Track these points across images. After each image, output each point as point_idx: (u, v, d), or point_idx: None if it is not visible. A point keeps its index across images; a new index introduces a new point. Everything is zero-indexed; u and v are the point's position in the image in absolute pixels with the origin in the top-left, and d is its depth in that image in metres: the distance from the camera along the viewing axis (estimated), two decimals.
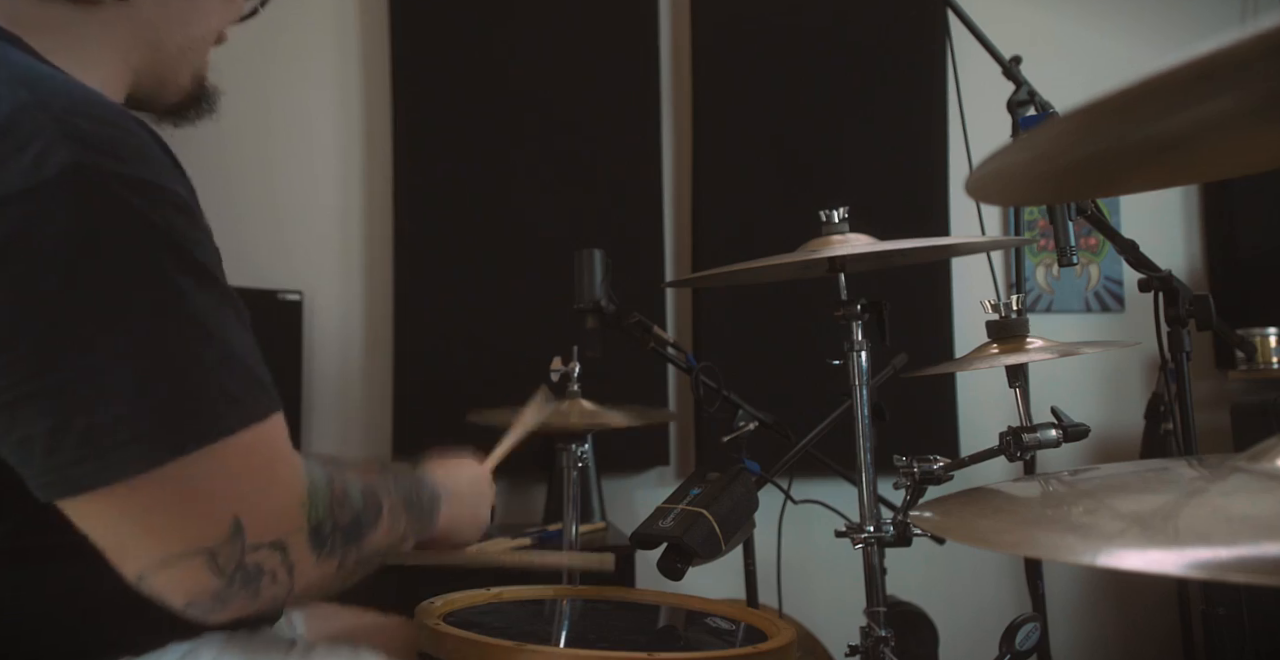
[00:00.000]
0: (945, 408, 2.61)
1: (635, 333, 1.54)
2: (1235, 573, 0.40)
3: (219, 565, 0.64)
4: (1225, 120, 0.48)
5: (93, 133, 0.63)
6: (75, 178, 0.60)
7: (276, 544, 0.67)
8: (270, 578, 0.67)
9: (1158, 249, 1.68)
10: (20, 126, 0.61)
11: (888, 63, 2.65)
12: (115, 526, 0.63)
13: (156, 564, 0.63)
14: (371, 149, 2.50)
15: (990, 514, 0.59)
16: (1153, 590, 2.63)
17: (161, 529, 0.63)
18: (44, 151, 0.60)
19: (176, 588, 0.64)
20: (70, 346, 0.60)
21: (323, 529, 0.70)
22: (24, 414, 0.60)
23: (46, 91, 0.65)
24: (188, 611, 0.66)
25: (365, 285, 2.47)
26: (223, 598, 0.65)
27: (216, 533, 0.64)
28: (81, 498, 0.62)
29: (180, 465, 0.62)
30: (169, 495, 0.63)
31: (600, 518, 2.28)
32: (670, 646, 1.11)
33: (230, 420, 0.65)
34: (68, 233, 0.60)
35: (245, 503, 0.65)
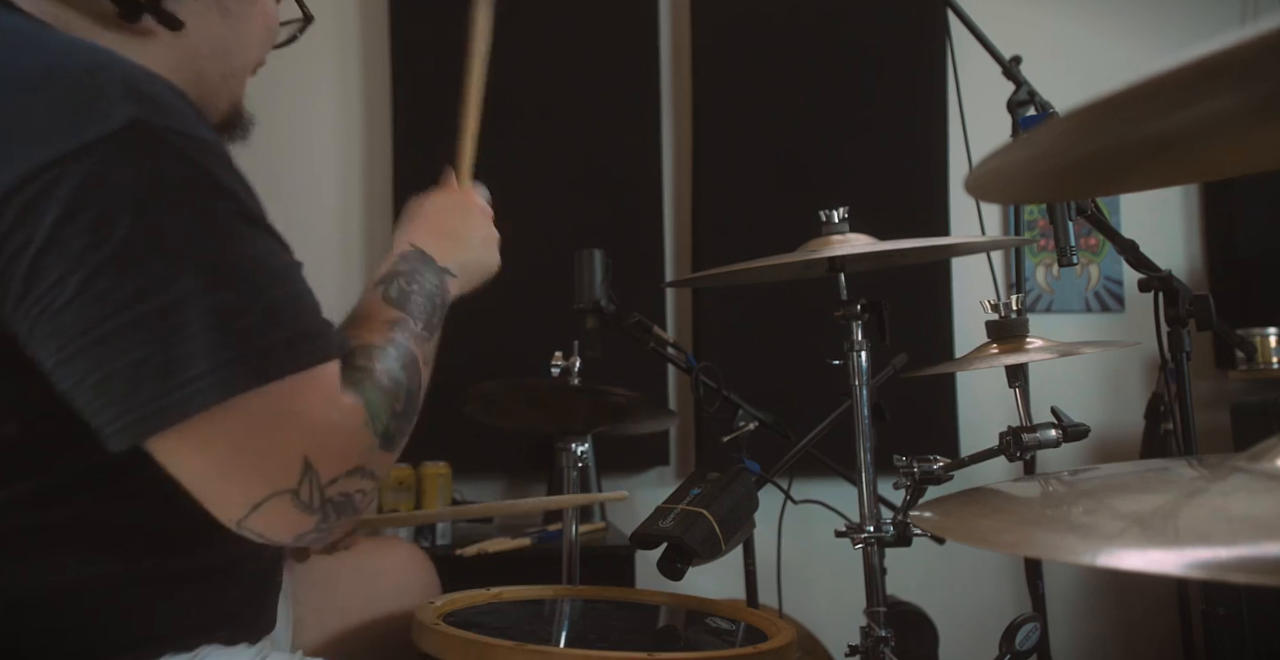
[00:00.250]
0: (945, 408, 2.61)
1: (635, 333, 1.54)
2: (1235, 573, 0.40)
3: (304, 502, 0.67)
4: (1225, 120, 0.48)
5: (146, 91, 0.67)
6: (135, 130, 0.64)
7: (354, 470, 0.70)
8: (360, 495, 0.71)
9: (1158, 249, 1.68)
10: (88, 80, 0.65)
11: (888, 63, 2.65)
12: (200, 467, 0.66)
13: (248, 509, 0.67)
14: (371, 149, 2.50)
15: (990, 514, 0.59)
16: (1153, 590, 2.63)
17: (241, 471, 0.66)
18: (111, 102, 0.64)
19: (276, 528, 0.68)
20: (146, 284, 0.63)
21: (389, 431, 0.74)
22: (107, 350, 0.62)
23: (108, 56, 0.69)
24: (302, 542, 0.71)
25: (364, 282, 2.47)
26: (323, 527, 0.69)
27: (291, 473, 0.67)
28: (164, 436, 0.64)
29: (255, 398, 0.65)
30: (244, 431, 0.66)
31: (600, 518, 2.28)
32: (670, 646, 1.11)
33: (301, 358, 0.68)
34: (135, 180, 0.64)
35: (314, 442, 0.68)
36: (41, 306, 0.62)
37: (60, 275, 0.62)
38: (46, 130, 0.63)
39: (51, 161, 0.62)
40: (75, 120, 0.63)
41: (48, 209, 0.61)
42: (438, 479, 2.13)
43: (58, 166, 0.62)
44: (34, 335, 0.64)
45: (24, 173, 0.62)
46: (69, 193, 0.62)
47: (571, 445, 1.60)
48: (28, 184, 0.62)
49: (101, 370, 0.63)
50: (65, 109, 0.64)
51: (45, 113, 0.64)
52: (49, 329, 0.63)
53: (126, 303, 0.62)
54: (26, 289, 0.62)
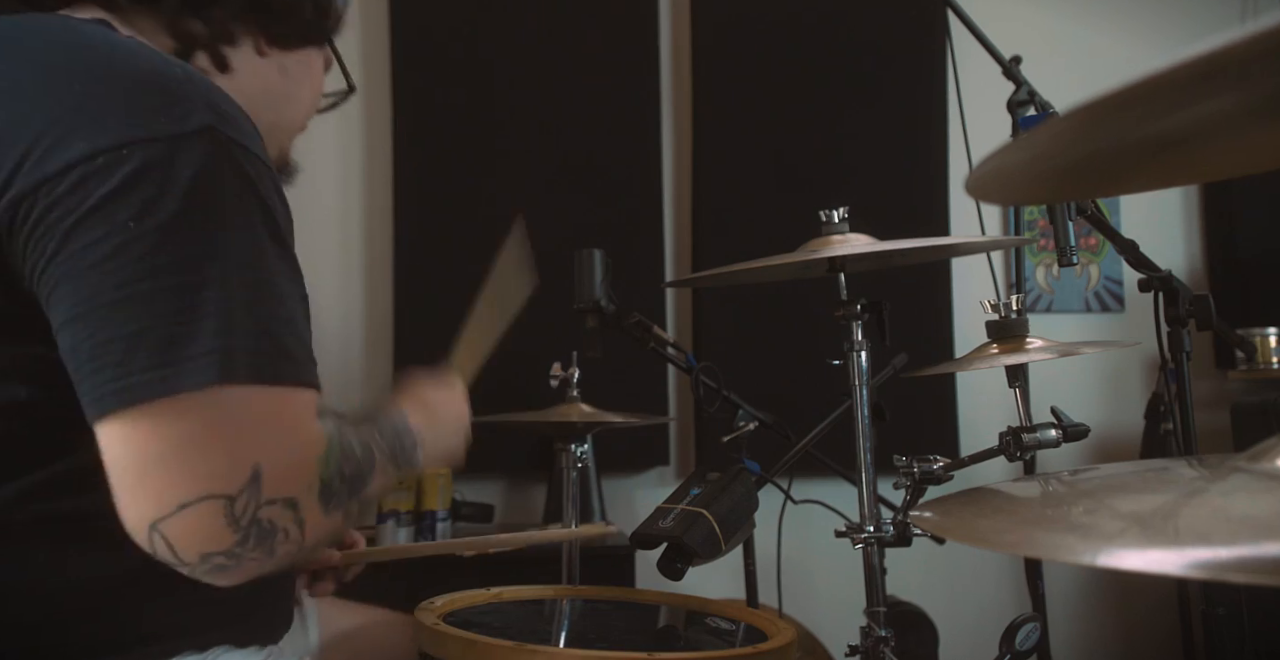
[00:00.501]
0: (945, 408, 2.61)
1: (635, 333, 1.54)
2: (1235, 573, 0.40)
3: (234, 515, 0.66)
4: (1225, 120, 0.48)
5: (225, 108, 0.74)
6: (205, 135, 0.70)
7: (289, 501, 0.70)
8: (284, 535, 0.70)
9: (1158, 249, 1.68)
10: (176, 87, 0.72)
11: (888, 63, 2.65)
12: (148, 451, 0.66)
13: (174, 506, 0.66)
14: (371, 149, 2.50)
15: (990, 514, 0.59)
16: (1153, 590, 2.63)
17: (189, 463, 0.66)
18: (188, 110, 0.70)
19: (192, 537, 0.66)
20: (175, 262, 0.67)
21: (332, 484, 0.73)
22: (119, 315, 0.65)
23: (199, 74, 0.78)
24: (201, 568, 0.68)
25: (365, 285, 2.47)
26: (237, 555, 0.68)
27: (236, 478, 0.67)
28: (136, 410, 0.65)
29: (236, 393, 0.67)
30: (210, 423, 0.67)
31: (600, 518, 2.28)
32: (670, 646, 1.11)
33: (288, 372, 0.71)
34: (193, 174, 0.69)
35: (268, 453, 0.68)
36: (73, 262, 0.66)
37: (99, 237, 0.66)
38: (129, 118, 0.69)
39: (124, 143, 0.67)
40: (156, 115, 0.69)
41: (106, 181, 0.66)
42: (438, 479, 2.13)
43: (127, 148, 0.67)
44: (57, 291, 0.67)
45: (96, 147, 0.67)
46: (130, 171, 0.67)
47: (571, 445, 1.61)
48: (95, 157, 0.66)
49: (108, 332, 0.65)
50: (151, 104, 0.70)
51: (133, 104, 0.70)
52: (73, 285, 0.66)
53: (152, 274, 0.66)
54: (62, 245, 0.66)
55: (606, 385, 1.74)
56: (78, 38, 0.76)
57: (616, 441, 2.32)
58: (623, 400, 1.81)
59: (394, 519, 2.05)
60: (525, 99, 2.48)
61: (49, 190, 0.66)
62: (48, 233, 0.66)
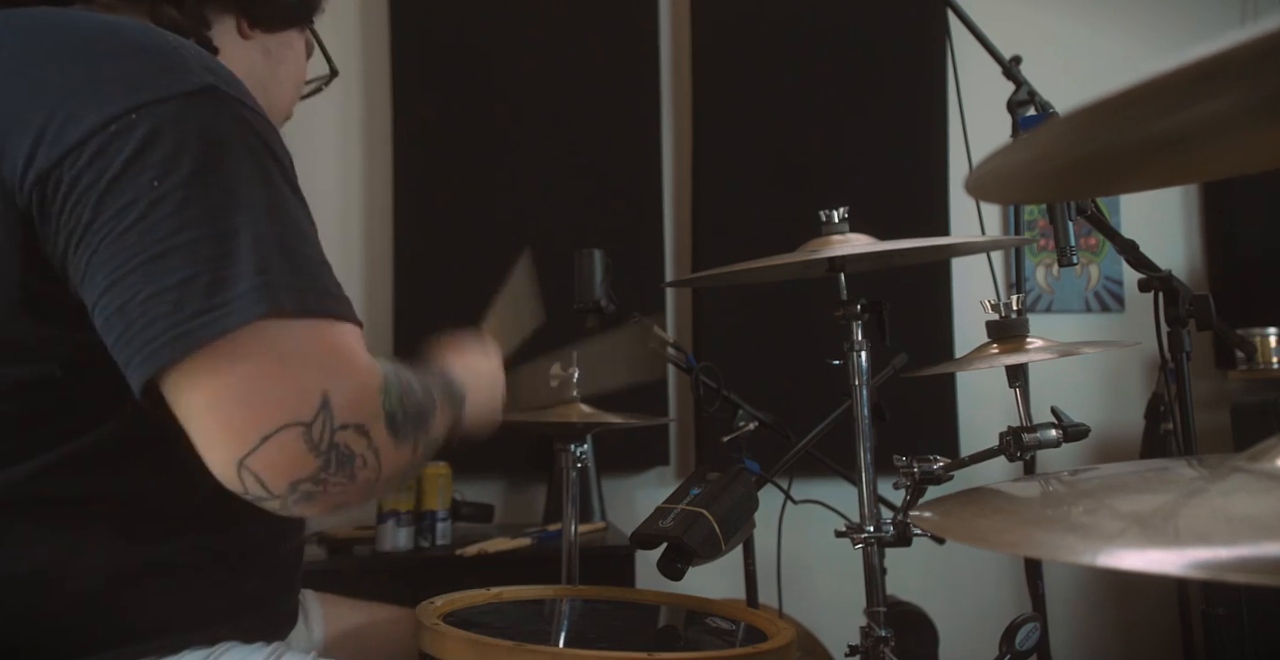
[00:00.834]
0: (945, 408, 2.61)
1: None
2: (1235, 573, 0.40)
3: (314, 441, 0.68)
4: (1225, 120, 0.48)
5: (222, 72, 0.77)
6: (209, 92, 0.73)
7: (360, 427, 0.71)
8: (361, 461, 0.72)
9: (1158, 249, 1.68)
10: (172, 53, 0.75)
11: (888, 63, 2.65)
12: (218, 392, 0.68)
13: (257, 441, 0.67)
14: (371, 149, 2.50)
15: (990, 514, 0.59)
16: (1153, 590, 2.63)
17: (261, 396, 0.68)
18: (189, 71, 0.73)
19: (279, 467, 0.68)
20: (203, 212, 0.69)
21: (396, 416, 0.75)
22: (161, 267, 0.67)
23: (189, 42, 0.80)
24: (291, 499, 0.70)
25: (365, 285, 2.47)
26: (322, 480, 0.70)
27: (308, 405, 0.68)
28: (199, 355, 0.67)
29: (287, 327, 0.70)
30: (271, 357, 0.69)
31: (600, 518, 2.28)
32: (670, 646, 1.11)
33: (330, 306, 0.73)
34: (204, 128, 0.72)
35: (334, 381, 0.70)
36: (108, 229, 0.68)
37: (128, 201, 0.68)
38: (134, 85, 0.71)
39: (133, 108, 0.70)
40: (159, 78, 0.72)
41: (123, 146, 0.69)
42: (438, 479, 2.13)
43: (136, 112, 0.70)
44: (95, 259, 0.69)
45: (108, 116, 0.69)
46: (144, 133, 0.69)
47: (571, 445, 1.60)
48: (109, 125, 0.69)
49: (155, 285, 0.67)
50: (152, 70, 0.73)
51: (136, 71, 0.72)
52: (112, 250, 0.68)
53: (185, 225, 0.68)
54: (95, 215, 0.68)
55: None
56: (69, 20, 0.78)
57: (616, 441, 2.32)
58: (623, 400, 1.81)
59: (394, 519, 2.05)
60: (525, 99, 2.48)
61: (71, 163, 0.68)
62: (79, 203, 0.69)
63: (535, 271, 1.27)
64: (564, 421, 1.59)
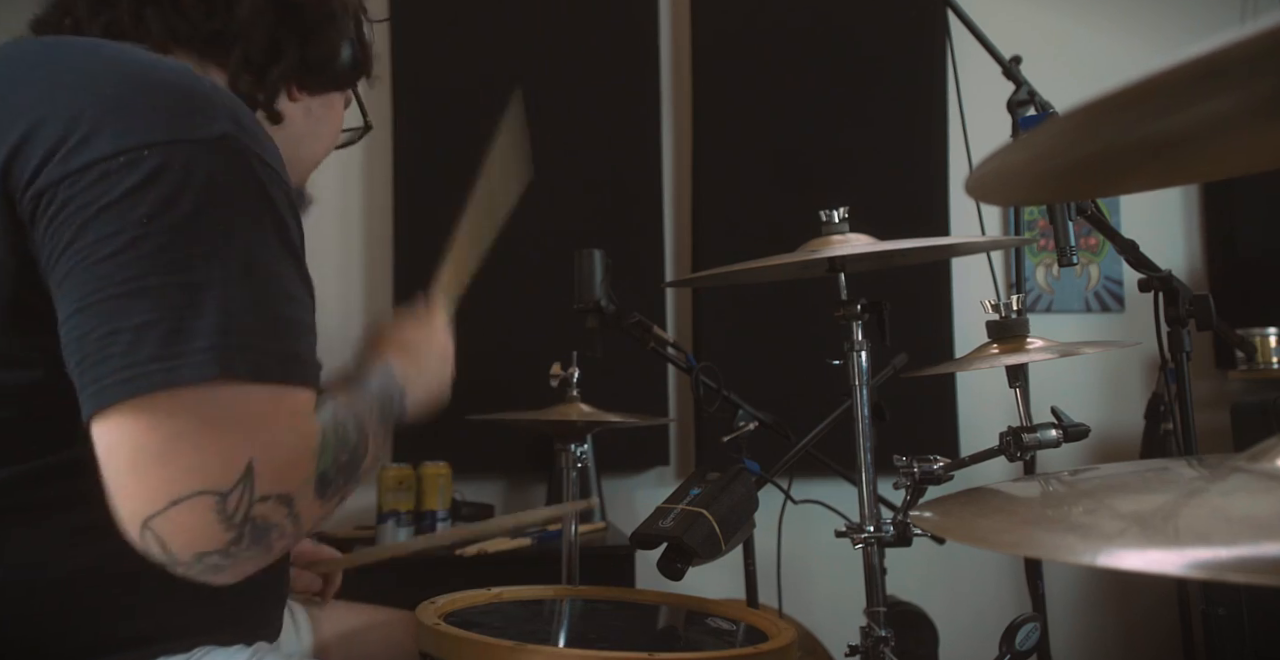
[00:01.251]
0: (945, 408, 2.61)
1: (635, 333, 1.54)
2: (1235, 573, 0.40)
3: (227, 512, 0.67)
4: (1225, 120, 0.48)
5: (247, 123, 0.77)
6: (226, 142, 0.73)
7: (284, 498, 0.70)
8: (279, 532, 0.70)
9: (1158, 249, 1.68)
10: (202, 98, 0.76)
11: (888, 63, 2.65)
12: (142, 446, 0.67)
13: (165, 501, 0.66)
14: (371, 149, 2.50)
15: (990, 514, 0.59)
16: (1153, 590, 2.63)
17: (180, 457, 0.67)
18: (213, 118, 0.74)
19: (184, 535, 0.66)
20: (183, 259, 0.69)
21: (328, 474, 0.74)
22: (126, 307, 0.67)
23: (225, 90, 0.82)
24: (196, 568, 0.68)
25: (365, 285, 2.47)
26: (232, 554, 0.68)
27: (228, 474, 0.67)
28: (138, 402, 0.66)
29: (235, 391, 0.68)
30: (206, 418, 0.67)
31: (600, 518, 2.28)
32: (670, 646, 1.11)
33: (286, 372, 0.72)
34: (209, 177, 0.72)
35: (263, 450, 0.69)
36: (85, 254, 0.68)
37: (113, 231, 0.68)
38: (154, 122, 0.72)
39: (146, 144, 0.70)
40: (180, 120, 0.73)
41: (126, 178, 0.69)
42: (438, 479, 2.13)
43: (149, 149, 0.70)
44: (67, 281, 0.69)
45: (120, 147, 0.70)
46: (150, 169, 0.69)
47: (571, 445, 1.61)
48: (118, 155, 0.69)
49: (114, 323, 0.67)
50: (176, 110, 0.73)
51: (159, 109, 0.73)
52: (84, 276, 0.68)
53: (162, 268, 0.68)
54: (76, 237, 0.68)
55: (606, 385, 1.74)
56: (118, 52, 0.80)
57: (616, 441, 2.32)
58: (623, 400, 1.81)
59: (394, 519, 2.05)
60: (525, 99, 2.47)
61: (71, 183, 0.69)
62: (65, 223, 0.69)
63: (526, 119, 1.22)
64: (564, 421, 1.59)
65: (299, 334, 0.74)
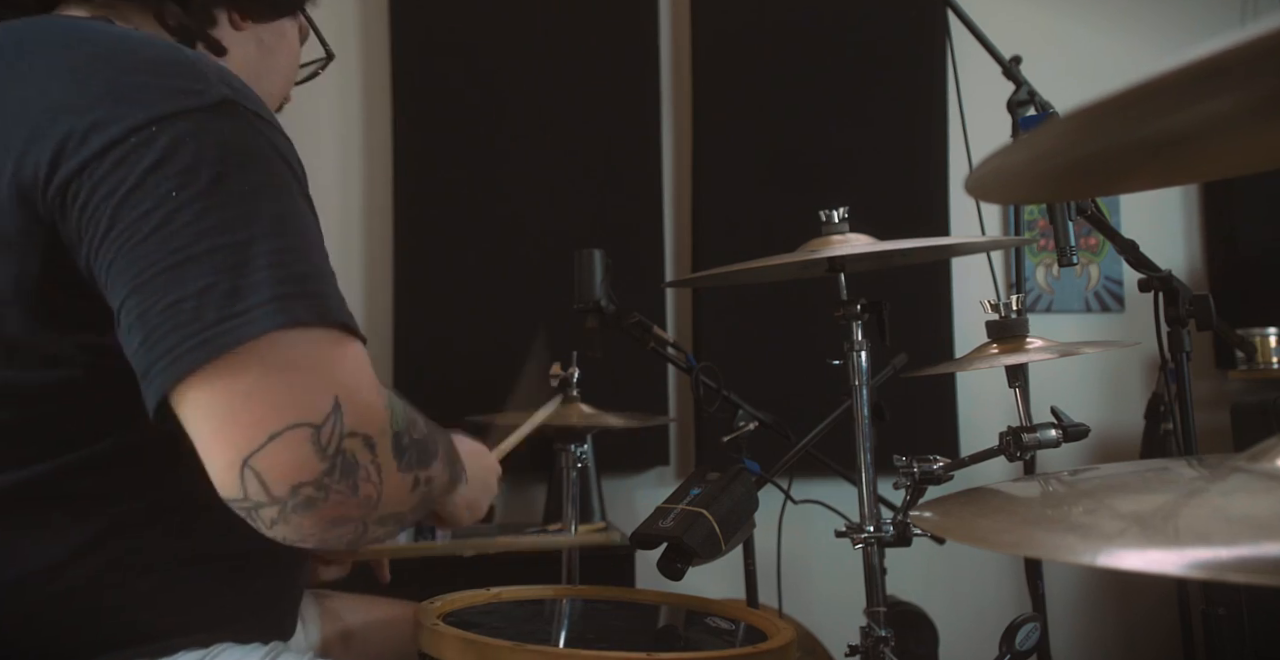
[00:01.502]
0: (945, 408, 2.61)
1: (635, 333, 1.54)
2: (1235, 573, 0.40)
3: (321, 443, 0.68)
4: (1225, 120, 0.48)
5: (237, 84, 0.78)
6: (227, 106, 0.75)
7: (367, 439, 0.71)
8: (365, 473, 0.71)
9: (1158, 249, 1.68)
10: (190, 67, 0.77)
11: (888, 62, 2.65)
12: (231, 394, 0.68)
13: (264, 437, 0.67)
14: (371, 149, 2.50)
15: (990, 514, 0.59)
16: (1153, 590, 2.63)
17: (273, 396, 0.68)
18: (206, 86, 0.75)
19: (282, 467, 0.67)
20: (220, 223, 0.70)
21: (402, 439, 0.75)
22: (181, 276, 0.68)
23: (203, 54, 0.82)
24: (290, 503, 0.68)
25: (365, 285, 2.47)
26: (325, 485, 0.69)
27: (319, 407, 0.68)
28: (217, 363, 0.67)
29: (304, 334, 0.70)
30: (287, 361, 0.69)
31: (600, 518, 2.28)
32: (670, 646, 1.11)
33: (346, 318, 0.73)
34: (222, 141, 0.73)
35: (345, 388, 0.70)
36: (126, 237, 0.69)
37: (147, 210, 0.69)
38: (154, 98, 0.73)
39: (154, 119, 0.71)
40: (180, 92, 0.74)
41: (144, 156, 0.70)
42: None
43: (157, 124, 0.71)
44: (114, 267, 0.70)
45: (130, 127, 0.71)
46: (165, 145, 0.71)
47: (571, 445, 1.61)
48: (129, 136, 0.70)
49: (174, 293, 0.68)
50: (172, 83, 0.74)
51: (157, 84, 0.74)
52: (130, 258, 0.69)
53: (203, 235, 0.69)
54: (113, 223, 0.69)
55: (606, 385, 1.74)
56: (91, 33, 0.80)
57: (616, 441, 2.32)
58: (623, 400, 1.81)
59: None
60: (526, 99, 2.48)
61: (91, 171, 0.70)
62: (96, 212, 0.70)
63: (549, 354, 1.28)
64: (564, 422, 1.59)
65: (335, 283, 0.76)
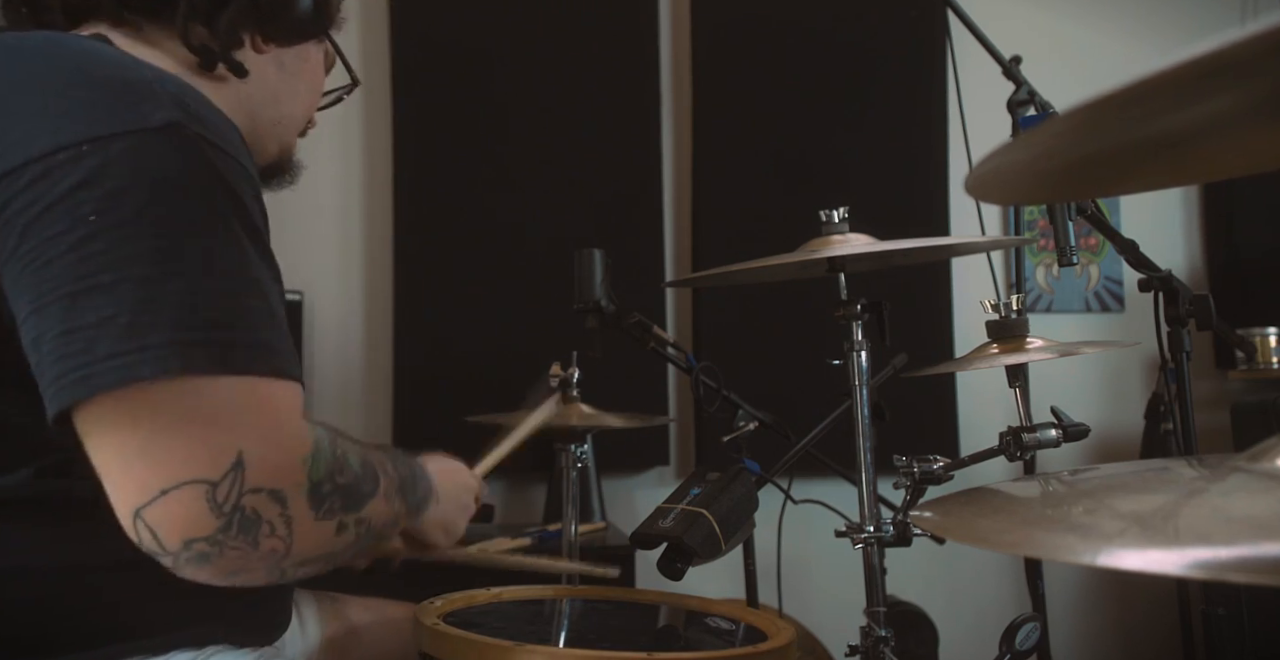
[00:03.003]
0: (945, 408, 2.61)
1: (635, 333, 1.53)
2: (1235, 573, 0.40)
3: (217, 501, 0.65)
4: (1225, 120, 0.48)
5: (194, 107, 0.74)
6: (171, 130, 0.70)
7: (275, 493, 0.68)
8: (269, 528, 0.68)
9: (1158, 249, 1.68)
10: (143, 87, 0.73)
11: (888, 62, 2.65)
12: (125, 440, 0.66)
13: (155, 492, 0.65)
14: (371, 149, 2.50)
15: (990, 514, 0.59)
16: (1153, 590, 2.63)
17: (167, 450, 0.65)
18: (153, 108, 0.71)
19: (174, 522, 0.65)
20: (135, 254, 0.66)
21: (322, 488, 0.72)
22: (80, 305, 0.65)
23: (173, 77, 0.77)
24: (183, 557, 0.67)
25: (365, 285, 2.47)
26: (219, 542, 0.66)
27: (218, 464, 0.66)
28: (108, 396, 0.65)
29: (207, 383, 0.67)
30: (185, 412, 0.66)
31: (600, 518, 2.28)
32: (670, 646, 1.11)
33: (262, 364, 0.69)
34: (158, 168, 0.69)
35: (251, 442, 0.67)
36: (33, 256, 0.66)
37: (60, 231, 0.66)
38: (92, 117, 0.69)
39: (88, 138, 0.68)
40: (121, 112, 0.70)
41: (68, 175, 0.67)
42: None
43: (90, 143, 0.68)
44: (19, 285, 0.67)
45: (58, 144, 0.67)
46: (94, 165, 0.67)
47: (571, 445, 1.61)
48: (57, 153, 0.67)
49: (68, 323, 0.65)
50: (117, 103, 0.71)
51: (98, 102, 0.71)
52: (33, 279, 0.66)
53: (112, 266, 0.66)
54: (23, 240, 0.67)
55: (606, 385, 1.74)
56: (54, 48, 0.77)
57: (616, 441, 2.32)
58: (623, 400, 1.81)
59: None
60: (525, 99, 2.48)
61: (9, 185, 0.67)
62: (7, 227, 0.67)
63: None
64: (564, 421, 1.59)
65: (273, 325, 0.72)
